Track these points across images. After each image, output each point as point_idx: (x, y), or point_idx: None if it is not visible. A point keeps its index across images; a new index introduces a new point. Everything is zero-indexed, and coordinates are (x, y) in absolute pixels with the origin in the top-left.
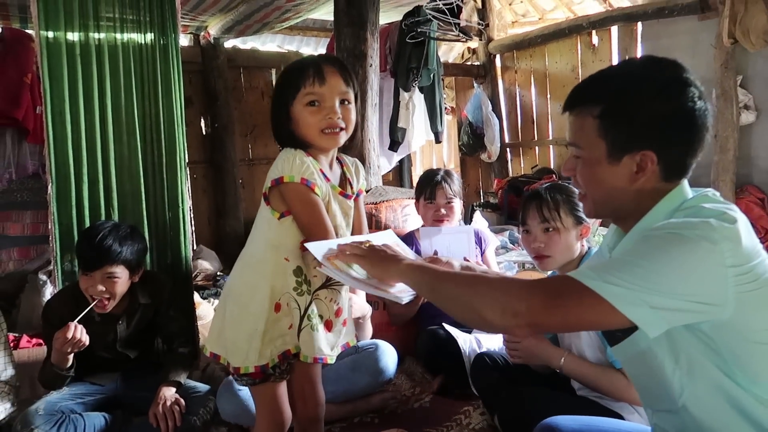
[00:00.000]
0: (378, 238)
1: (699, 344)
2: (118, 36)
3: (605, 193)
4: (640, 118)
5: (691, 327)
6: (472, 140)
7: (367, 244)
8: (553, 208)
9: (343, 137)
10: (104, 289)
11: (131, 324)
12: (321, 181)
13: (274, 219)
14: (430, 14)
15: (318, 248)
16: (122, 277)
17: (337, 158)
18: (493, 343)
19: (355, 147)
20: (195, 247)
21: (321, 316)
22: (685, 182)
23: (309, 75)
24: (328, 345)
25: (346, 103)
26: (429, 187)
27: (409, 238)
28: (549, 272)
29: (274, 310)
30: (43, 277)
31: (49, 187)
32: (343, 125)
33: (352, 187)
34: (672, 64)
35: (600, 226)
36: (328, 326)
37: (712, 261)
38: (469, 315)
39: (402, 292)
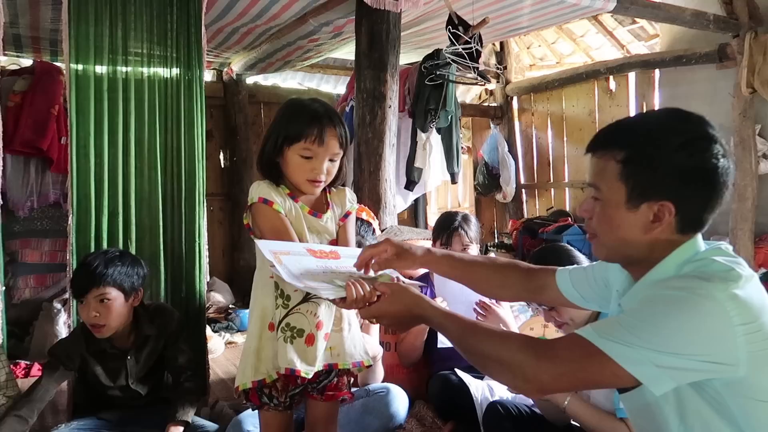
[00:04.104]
0: (347, 252)
1: (707, 405)
2: (145, 71)
3: (619, 239)
4: (664, 168)
5: (702, 386)
6: (488, 180)
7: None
8: None
9: (323, 186)
10: (98, 314)
11: (141, 358)
12: (282, 199)
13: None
14: (449, 58)
15: (267, 245)
16: (115, 299)
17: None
18: (505, 390)
19: (338, 183)
20: (209, 280)
21: (302, 330)
22: (699, 235)
23: (312, 134)
24: (304, 358)
25: (335, 160)
26: (445, 233)
27: (424, 279)
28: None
29: (268, 329)
30: (58, 306)
31: (70, 218)
32: (324, 178)
33: (328, 208)
34: (699, 119)
35: None
36: (310, 340)
37: (717, 320)
38: (485, 371)
39: (328, 291)
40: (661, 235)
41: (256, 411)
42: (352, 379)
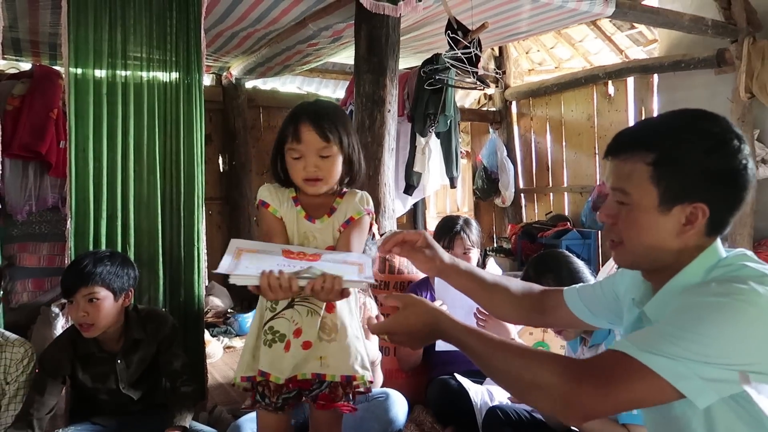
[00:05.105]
0: (332, 256)
1: (738, 418)
2: (144, 75)
3: (649, 245)
4: (697, 169)
5: (735, 397)
6: (487, 185)
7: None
8: None
9: (323, 185)
10: (87, 313)
11: (131, 362)
12: (280, 202)
13: None
14: (448, 62)
15: (236, 243)
16: (104, 298)
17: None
18: (505, 395)
19: (356, 183)
20: (207, 284)
21: (284, 335)
22: (719, 240)
23: (289, 133)
24: (278, 363)
25: (325, 156)
26: (447, 237)
27: (424, 284)
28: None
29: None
30: (56, 310)
31: (68, 222)
32: (321, 176)
33: (329, 214)
34: (725, 120)
35: None
36: (287, 346)
37: (762, 327)
38: (518, 395)
39: (243, 279)
40: (690, 240)
41: (254, 416)
42: (352, 392)
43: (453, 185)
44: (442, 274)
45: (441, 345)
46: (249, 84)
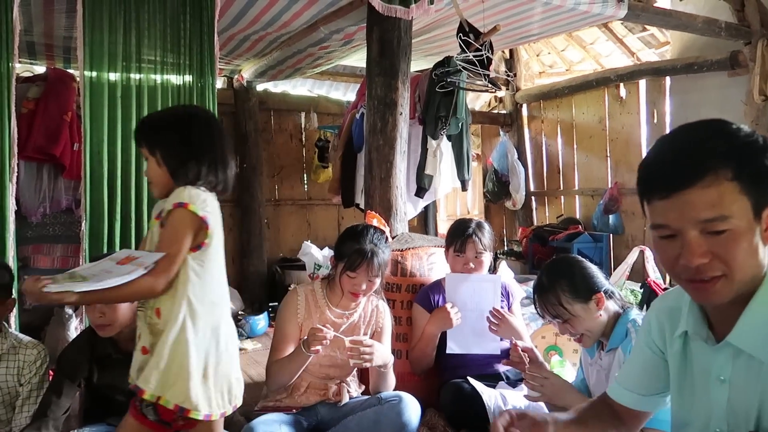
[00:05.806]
0: (143, 259)
1: None
2: (158, 78)
3: (756, 264)
4: (763, 168)
5: None
6: (497, 187)
7: None
8: (555, 303)
9: (154, 188)
10: (104, 314)
11: None
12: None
13: None
14: (460, 65)
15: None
16: None
17: None
18: (519, 400)
19: (196, 182)
20: None
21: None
22: None
23: None
24: (133, 367)
25: (147, 160)
26: (460, 240)
27: (436, 286)
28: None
29: None
30: (69, 311)
31: (83, 224)
32: (148, 180)
33: (157, 218)
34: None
35: (627, 280)
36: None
37: None
38: None
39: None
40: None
41: (268, 418)
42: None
43: (464, 188)
44: None
45: (451, 348)
46: (260, 87)
